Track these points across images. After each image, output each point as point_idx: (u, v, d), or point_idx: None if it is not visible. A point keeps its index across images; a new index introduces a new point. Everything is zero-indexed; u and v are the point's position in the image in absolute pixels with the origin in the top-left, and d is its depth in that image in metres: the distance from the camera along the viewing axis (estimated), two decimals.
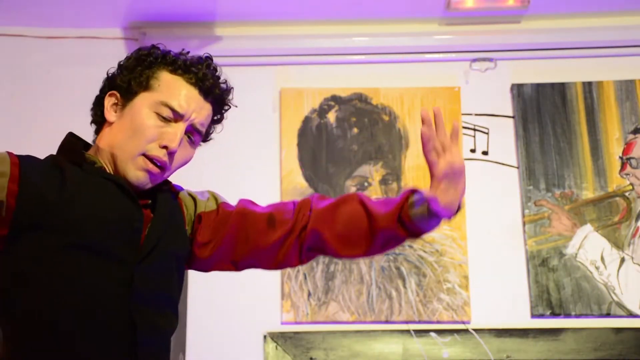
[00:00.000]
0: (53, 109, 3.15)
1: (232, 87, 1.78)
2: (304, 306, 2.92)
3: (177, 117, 1.64)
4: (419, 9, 3.10)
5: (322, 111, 3.11)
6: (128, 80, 1.66)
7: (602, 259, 2.93)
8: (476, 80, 3.14)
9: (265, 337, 2.89)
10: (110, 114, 1.66)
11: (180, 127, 1.64)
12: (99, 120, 1.69)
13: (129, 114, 1.63)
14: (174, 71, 1.69)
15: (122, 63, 1.71)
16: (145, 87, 1.65)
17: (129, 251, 1.54)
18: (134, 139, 1.61)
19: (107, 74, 1.73)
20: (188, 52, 1.74)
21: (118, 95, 1.66)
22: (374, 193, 3.03)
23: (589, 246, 2.95)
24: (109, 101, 1.67)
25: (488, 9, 3.09)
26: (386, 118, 3.11)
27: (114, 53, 3.17)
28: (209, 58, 1.75)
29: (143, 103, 1.63)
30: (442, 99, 3.11)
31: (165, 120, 1.63)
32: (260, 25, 3.16)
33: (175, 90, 1.66)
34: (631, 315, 2.88)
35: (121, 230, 1.54)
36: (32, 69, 3.18)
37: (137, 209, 1.58)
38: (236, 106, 1.81)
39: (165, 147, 1.61)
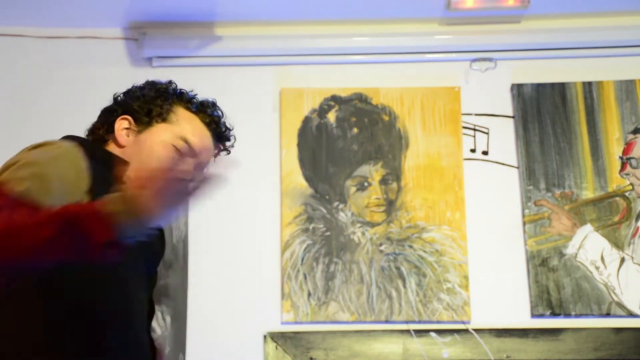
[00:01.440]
0: (53, 109, 3.15)
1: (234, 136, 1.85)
2: (304, 306, 2.91)
3: (191, 153, 1.69)
4: (419, 9, 3.10)
5: (322, 111, 3.11)
6: (147, 109, 1.70)
7: (602, 259, 2.93)
8: (476, 80, 3.14)
9: (265, 337, 2.89)
10: (122, 137, 1.69)
11: (191, 163, 1.67)
12: (100, 137, 1.71)
13: (146, 141, 1.67)
14: (190, 109, 1.74)
15: (135, 91, 1.74)
16: (164, 119, 1.70)
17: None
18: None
19: (117, 97, 1.76)
20: (196, 94, 1.79)
21: (132, 120, 1.70)
22: (374, 193, 3.03)
23: (589, 246, 2.95)
24: (120, 124, 1.70)
25: (488, 9, 3.08)
26: (386, 118, 3.10)
27: (114, 53, 3.19)
28: (215, 104, 1.81)
29: (161, 134, 1.68)
30: (442, 99, 3.11)
31: (180, 154, 1.67)
32: (260, 25, 3.16)
33: (193, 128, 1.72)
34: (631, 315, 2.88)
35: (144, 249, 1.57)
36: (32, 69, 3.18)
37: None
38: (229, 152, 1.86)
39: None
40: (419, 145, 3.07)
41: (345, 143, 3.08)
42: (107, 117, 1.72)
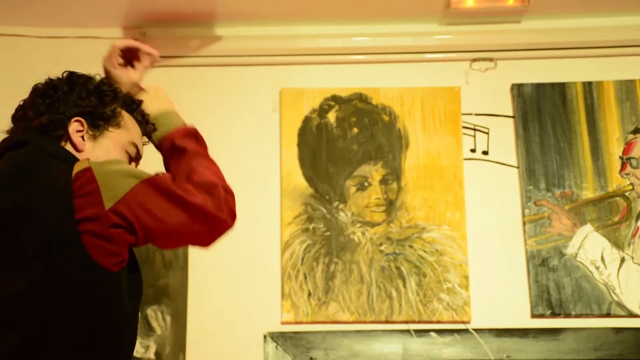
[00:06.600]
0: None
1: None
2: (304, 306, 2.92)
3: (137, 157, 1.73)
4: (419, 9, 3.10)
5: (322, 111, 3.11)
6: (99, 113, 1.68)
7: (602, 258, 2.93)
8: (476, 80, 3.14)
9: (265, 337, 2.89)
10: (79, 141, 1.66)
11: (134, 166, 1.74)
12: (57, 137, 1.66)
13: (104, 148, 1.67)
14: (129, 110, 1.75)
15: (76, 89, 1.71)
16: (117, 124, 1.70)
17: None
18: None
19: (51, 93, 1.72)
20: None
21: (85, 124, 1.67)
22: (374, 193, 3.03)
23: (589, 246, 2.95)
24: (73, 127, 1.67)
25: (488, 9, 3.08)
26: (386, 118, 3.10)
27: None
28: (141, 100, 1.83)
29: (117, 141, 1.69)
30: (442, 99, 3.11)
31: (131, 159, 1.71)
32: (260, 25, 3.16)
33: (137, 131, 1.75)
34: (631, 315, 2.88)
35: None
36: (32, 69, 3.17)
37: None
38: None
39: None
40: (419, 145, 3.07)
41: (345, 143, 3.08)
42: (58, 117, 1.68)
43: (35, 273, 1.44)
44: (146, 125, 1.78)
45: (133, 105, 1.76)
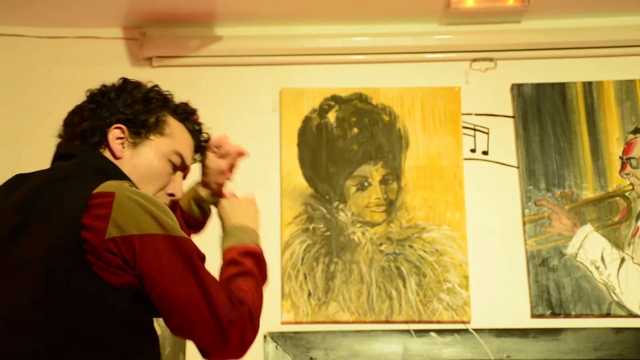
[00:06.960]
0: (53, 109, 3.14)
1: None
2: (304, 306, 2.92)
3: (183, 166, 1.69)
4: (419, 9, 3.10)
5: (322, 111, 3.11)
6: (142, 120, 1.65)
7: (602, 258, 2.93)
8: (476, 80, 3.14)
9: (265, 337, 2.89)
10: (117, 148, 1.63)
11: (181, 175, 1.70)
12: (95, 144, 1.64)
13: (144, 155, 1.64)
14: (180, 119, 1.72)
15: (122, 96, 1.68)
16: (160, 132, 1.66)
17: None
18: (147, 184, 1.62)
19: (99, 99, 1.69)
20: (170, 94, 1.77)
21: (126, 130, 1.64)
22: (374, 193, 3.03)
23: (589, 246, 2.95)
24: (114, 134, 1.64)
25: (488, 9, 3.08)
26: (386, 118, 3.10)
27: (114, 53, 3.19)
28: (194, 109, 1.79)
29: (159, 149, 1.65)
30: (442, 99, 3.11)
31: (174, 168, 1.67)
32: (260, 25, 3.16)
33: (184, 140, 1.70)
34: (631, 315, 2.88)
35: None
36: (32, 69, 3.18)
37: None
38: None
39: (172, 194, 1.66)
40: (419, 145, 3.07)
41: (345, 143, 3.08)
42: (98, 123, 1.65)
43: (46, 278, 1.43)
44: (199, 134, 1.75)
45: (183, 115, 1.72)
